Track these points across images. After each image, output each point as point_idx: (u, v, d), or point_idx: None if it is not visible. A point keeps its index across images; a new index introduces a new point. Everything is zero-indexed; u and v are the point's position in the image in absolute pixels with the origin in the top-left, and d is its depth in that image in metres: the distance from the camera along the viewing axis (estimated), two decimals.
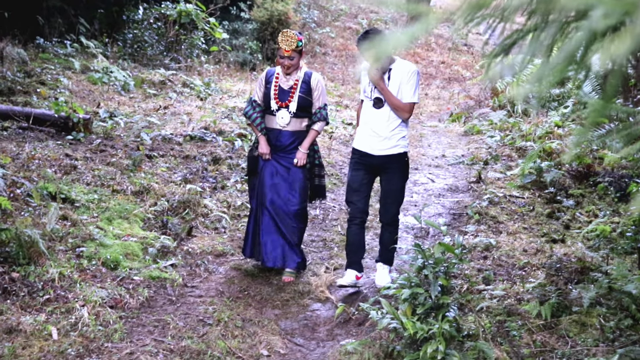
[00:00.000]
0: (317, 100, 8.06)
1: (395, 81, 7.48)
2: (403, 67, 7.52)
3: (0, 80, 13.50)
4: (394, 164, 7.64)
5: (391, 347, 6.45)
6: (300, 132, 8.11)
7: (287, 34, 7.83)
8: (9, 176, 9.05)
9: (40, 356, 6.39)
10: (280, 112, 8.00)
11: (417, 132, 16.75)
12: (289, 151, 8.10)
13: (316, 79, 8.11)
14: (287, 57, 7.92)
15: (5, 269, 7.32)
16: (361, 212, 7.87)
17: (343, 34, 27.68)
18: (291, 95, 7.98)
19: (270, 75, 8.16)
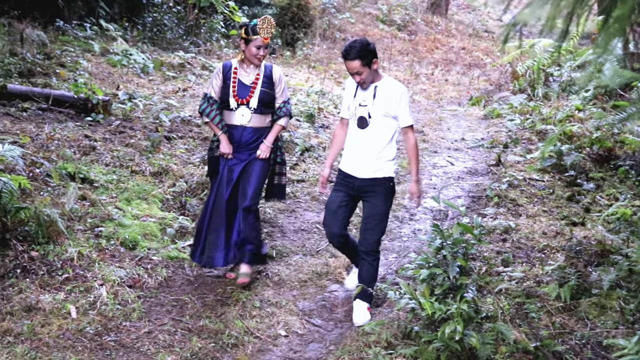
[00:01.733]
0: (281, 95, 7.56)
1: (381, 100, 6.80)
2: (391, 87, 6.86)
3: (20, 62, 13.53)
4: (377, 188, 6.92)
5: (409, 328, 6.43)
6: (264, 128, 7.56)
7: (265, 21, 7.28)
8: (28, 156, 9.08)
9: (59, 334, 6.42)
10: (240, 109, 7.42)
11: (437, 115, 16.68)
12: (252, 149, 7.55)
13: (278, 73, 7.58)
14: (263, 45, 7.33)
15: (24, 247, 7.35)
16: (337, 237, 7.15)
17: (363, 20, 27.58)
18: (252, 90, 7.39)
19: (228, 69, 7.50)
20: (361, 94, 6.88)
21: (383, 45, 25.12)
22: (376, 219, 6.94)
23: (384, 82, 6.88)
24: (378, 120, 6.82)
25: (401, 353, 6.12)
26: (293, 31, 22.86)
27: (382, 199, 6.94)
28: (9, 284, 6.96)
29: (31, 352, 6.10)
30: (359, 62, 6.60)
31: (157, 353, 6.32)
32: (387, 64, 22.57)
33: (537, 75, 16.63)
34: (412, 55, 24.58)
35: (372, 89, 6.83)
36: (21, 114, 11.22)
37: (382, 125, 6.83)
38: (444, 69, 23.00)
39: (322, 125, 14.05)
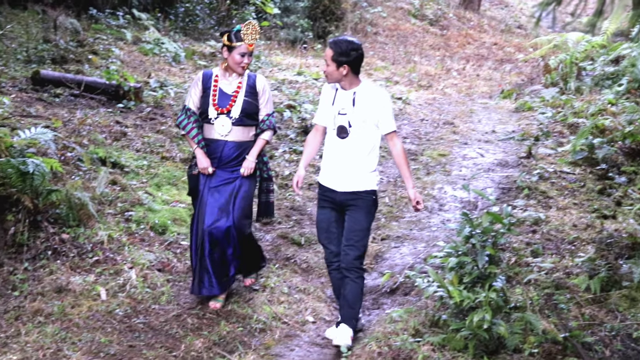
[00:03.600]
0: (265, 107, 6.91)
1: (361, 107, 6.24)
2: (371, 92, 6.32)
3: (53, 48, 13.62)
4: (358, 202, 6.36)
5: (437, 316, 6.43)
6: (246, 142, 6.90)
7: (249, 26, 6.74)
8: (60, 140, 9.14)
9: (88, 315, 6.48)
10: (219, 119, 6.79)
11: (468, 107, 16.60)
12: (234, 166, 6.88)
13: (262, 83, 6.94)
14: (248, 53, 6.76)
15: (55, 230, 7.41)
16: (336, 256, 6.51)
17: (395, 14, 27.45)
18: (233, 99, 6.80)
19: (208, 78, 6.92)
20: (340, 101, 6.32)
21: (414, 40, 25.04)
22: (357, 235, 6.35)
23: (363, 87, 6.32)
24: (359, 129, 6.27)
25: (429, 341, 6.12)
26: (324, 24, 22.79)
27: (363, 214, 6.38)
28: (40, 265, 7.02)
29: (61, 333, 6.17)
30: (331, 53, 6.16)
31: (185, 336, 6.37)
32: (418, 58, 22.50)
33: (569, 69, 16.49)
34: (444, 50, 24.44)
35: (350, 95, 6.28)
36: (54, 100, 11.30)
37: (363, 134, 6.29)
38: (476, 64, 22.84)
39: None
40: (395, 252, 8.45)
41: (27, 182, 7.20)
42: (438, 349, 6.02)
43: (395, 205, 9.87)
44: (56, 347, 5.97)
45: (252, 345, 6.35)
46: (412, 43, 24.48)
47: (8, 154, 7.51)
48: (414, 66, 21.09)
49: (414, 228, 9.13)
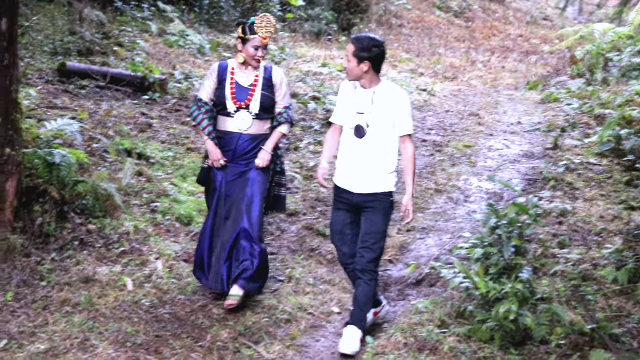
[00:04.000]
0: (282, 100, 6.82)
1: (380, 107, 6.05)
2: (391, 92, 6.11)
3: (79, 41, 13.68)
4: (376, 204, 6.15)
5: (463, 307, 6.40)
6: (262, 135, 6.80)
7: (264, 18, 6.57)
8: (86, 132, 9.19)
9: (115, 305, 6.51)
10: (240, 114, 6.68)
11: (493, 99, 16.53)
12: (250, 158, 6.77)
13: (279, 75, 6.84)
14: (262, 46, 6.62)
15: (82, 220, 7.46)
16: (350, 257, 6.32)
17: (420, 6, 27.36)
18: (251, 93, 6.69)
19: (224, 70, 6.78)
20: (358, 101, 6.12)
21: (439, 32, 24.95)
22: (374, 238, 6.16)
23: (382, 87, 6.11)
24: (377, 129, 6.07)
25: (455, 332, 6.10)
26: (349, 16, 22.74)
27: (380, 216, 6.18)
28: (67, 256, 7.08)
29: (88, 322, 6.22)
30: (352, 48, 5.95)
31: (211, 327, 6.38)
32: (443, 50, 22.42)
33: (596, 60, 16.39)
34: (469, 42, 24.34)
35: (370, 94, 6.07)
36: (80, 92, 11.35)
37: (382, 134, 6.08)
38: (501, 57, 22.72)
39: None
40: (421, 243, 8.43)
41: (54, 173, 7.25)
42: (464, 340, 6.00)
43: (420, 197, 9.84)
44: (83, 337, 6.02)
45: (278, 336, 6.35)
46: (437, 35, 24.40)
47: (35, 145, 7.57)
48: (438, 58, 21.01)
49: (439, 220, 9.10)
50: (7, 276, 6.59)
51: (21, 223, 6.99)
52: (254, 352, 6.05)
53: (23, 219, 7.03)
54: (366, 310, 6.29)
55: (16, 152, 6.88)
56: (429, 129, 13.37)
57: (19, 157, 6.94)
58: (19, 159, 6.93)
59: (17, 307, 6.33)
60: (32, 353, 5.74)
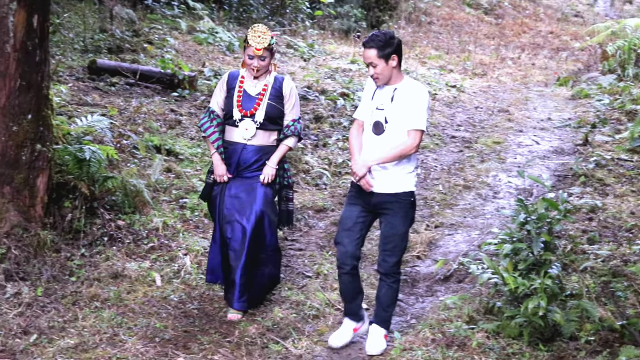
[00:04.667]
0: (290, 112, 6.59)
1: (399, 104, 5.83)
2: (411, 89, 5.86)
3: (109, 38, 13.80)
4: (395, 205, 5.90)
5: (491, 303, 6.36)
6: (267, 147, 6.56)
7: (257, 28, 6.36)
8: (116, 128, 9.25)
9: (144, 301, 6.55)
10: (244, 122, 6.47)
11: (523, 95, 16.45)
12: (253, 170, 6.54)
13: (289, 86, 6.61)
14: (257, 56, 6.38)
15: (111, 216, 7.51)
16: (351, 258, 6.01)
17: (449, 3, 27.28)
18: (258, 102, 6.48)
19: (234, 78, 6.62)
20: (379, 96, 5.92)
21: (469, 29, 24.85)
22: (395, 240, 5.94)
23: (404, 84, 5.89)
24: (395, 126, 5.84)
25: (483, 328, 6.07)
26: (378, 14, 22.74)
27: (401, 218, 5.93)
28: (96, 252, 7.13)
29: (117, 317, 6.26)
30: (375, 52, 5.69)
31: (239, 322, 6.39)
32: (473, 47, 22.32)
33: (627, 56, 16.26)
34: (499, 39, 24.23)
35: (390, 91, 5.87)
36: (110, 88, 11.44)
37: (400, 131, 5.84)
38: (531, 53, 22.59)
39: None
40: (449, 239, 8.40)
41: (84, 168, 7.30)
42: (492, 336, 5.97)
43: (449, 192, 9.82)
44: (112, 332, 6.05)
45: (306, 332, 6.35)
46: (466, 32, 24.30)
47: (65, 141, 7.63)
48: (468, 55, 20.93)
49: (467, 215, 9.07)
50: (37, 271, 6.65)
51: (51, 219, 7.06)
52: (282, 348, 6.05)
53: (53, 214, 7.09)
54: (390, 310, 6.16)
55: (47, 148, 6.94)
56: (458, 125, 13.33)
57: (50, 153, 7.00)
58: (49, 155, 6.98)
59: (47, 302, 6.38)
60: (62, 347, 5.78)
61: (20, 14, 6.67)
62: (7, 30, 6.64)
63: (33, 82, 6.82)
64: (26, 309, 6.23)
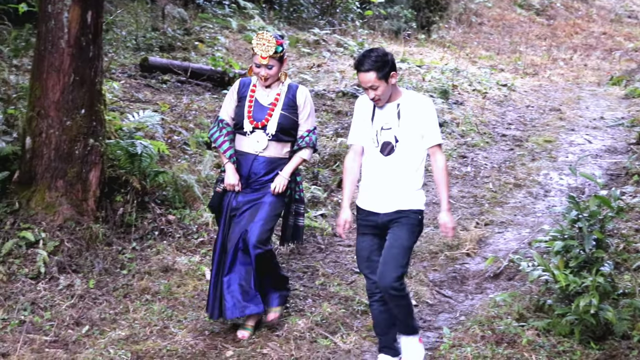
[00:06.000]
0: (305, 122, 6.17)
1: (407, 119, 5.45)
2: (416, 102, 5.52)
3: (161, 36, 13.93)
4: (402, 219, 5.51)
5: (542, 301, 6.31)
6: (280, 159, 6.14)
7: (262, 36, 5.98)
8: (167, 124, 9.34)
9: (194, 294, 6.61)
10: (255, 134, 6.06)
11: (575, 94, 16.28)
12: (264, 183, 6.13)
13: (304, 95, 6.19)
14: (263, 65, 5.96)
15: (162, 211, 7.58)
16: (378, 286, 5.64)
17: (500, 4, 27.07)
18: (269, 112, 6.06)
19: (245, 86, 6.22)
20: (381, 116, 5.53)
21: (520, 30, 24.66)
22: (397, 252, 5.46)
23: (406, 98, 5.53)
24: (407, 143, 5.48)
25: (533, 325, 6.03)
26: (428, 14, 22.62)
27: (406, 232, 5.51)
28: (147, 245, 7.21)
29: (167, 310, 6.33)
30: (374, 75, 5.28)
31: (288, 316, 6.41)
32: (524, 48, 22.13)
33: None
34: (550, 40, 24.00)
35: (394, 108, 5.50)
36: (161, 86, 11.56)
37: (412, 148, 5.50)
38: (583, 54, 22.34)
39: (456, 101, 13.91)
40: (499, 237, 8.34)
41: (135, 163, 7.39)
42: (543, 334, 5.92)
43: (499, 191, 9.76)
44: (162, 325, 6.12)
45: (354, 327, 6.34)
46: (517, 33, 24.10)
47: (117, 136, 7.71)
48: (519, 56, 20.75)
49: (518, 214, 9.00)
50: (89, 264, 6.74)
51: (103, 212, 7.15)
52: (330, 342, 6.05)
53: (105, 208, 7.18)
54: (410, 320, 5.66)
55: (99, 143, 7.04)
56: (509, 124, 13.24)
57: (102, 148, 7.09)
58: (101, 150, 7.08)
59: (98, 294, 6.47)
60: (113, 339, 5.86)
61: (75, 10, 6.78)
62: (62, 26, 6.75)
63: (86, 78, 6.92)
64: (79, 300, 6.34)
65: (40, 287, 6.37)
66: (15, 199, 6.90)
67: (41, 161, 6.89)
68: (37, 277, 6.47)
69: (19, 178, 6.97)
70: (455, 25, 23.74)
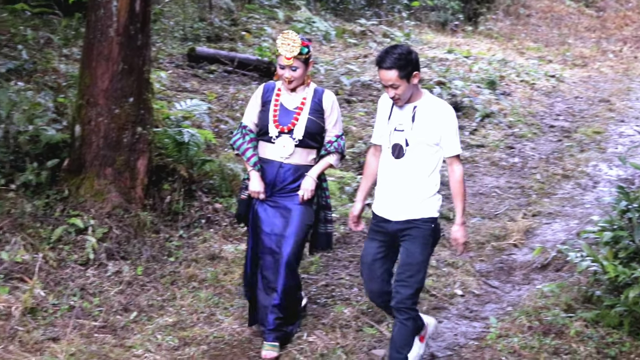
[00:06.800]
0: (333, 127, 5.88)
1: (421, 123, 5.16)
2: (434, 107, 5.23)
3: (208, 27, 14.02)
4: (414, 231, 5.24)
5: (590, 292, 6.25)
6: (305, 167, 5.85)
7: (287, 36, 5.73)
8: (213, 114, 9.39)
9: (240, 282, 6.62)
10: (281, 139, 5.77)
11: (625, 85, 16.06)
12: (290, 191, 5.85)
13: (330, 99, 5.87)
14: (287, 66, 5.69)
15: (209, 199, 7.63)
16: (378, 296, 5.47)
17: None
18: (296, 116, 5.78)
19: (269, 91, 5.94)
20: (397, 117, 5.27)
21: (569, 21, 24.37)
22: (411, 270, 5.23)
23: (425, 101, 5.26)
24: (417, 148, 5.20)
25: (581, 316, 5.97)
26: (476, 6, 22.43)
27: (419, 245, 5.25)
28: (194, 233, 7.26)
29: (214, 298, 6.39)
30: (395, 73, 5.03)
31: (333, 305, 6.43)
32: (572, 40, 21.87)
33: None
34: (600, 32, 23.67)
35: (410, 109, 5.23)
36: (208, 76, 11.63)
37: (422, 154, 5.20)
38: (634, 47, 22.00)
39: (503, 92, 13.80)
40: (547, 228, 8.27)
41: (183, 152, 7.44)
42: (591, 325, 5.87)
43: (546, 182, 9.68)
44: (209, 312, 6.18)
45: None
46: (566, 25, 23.79)
47: (165, 124, 7.76)
48: (567, 48, 20.52)
49: (566, 205, 8.91)
50: (137, 251, 6.80)
51: (151, 200, 7.21)
52: (376, 331, 6.06)
53: (153, 196, 7.24)
54: (404, 352, 5.34)
55: (147, 131, 7.09)
56: (557, 115, 13.10)
57: (150, 136, 7.15)
58: (149, 138, 7.13)
59: (146, 281, 6.53)
60: (161, 325, 5.93)
61: None
62: (111, 15, 6.81)
63: (135, 66, 6.97)
64: (127, 287, 6.40)
65: (89, 273, 6.44)
66: (65, 186, 6.98)
67: (90, 149, 6.96)
68: (86, 263, 6.53)
69: (69, 166, 7.05)
70: (503, 17, 23.54)
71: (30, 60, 9.52)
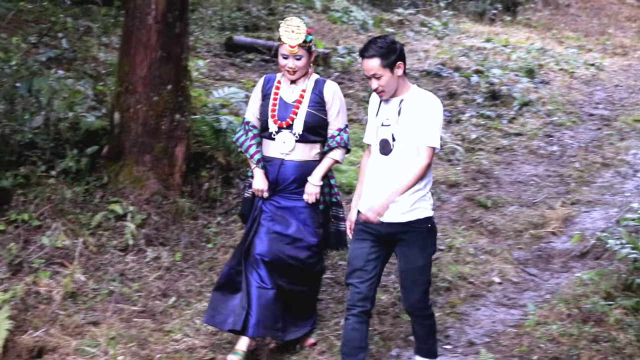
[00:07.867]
0: (336, 119, 5.55)
1: (407, 117, 4.84)
2: (420, 100, 4.88)
3: (245, 16, 14.08)
4: (410, 235, 4.94)
5: (630, 280, 6.18)
6: (309, 163, 5.57)
7: (291, 22, 5.40)
8: None
9: None
10: (281, 134, 5.50)
11: None
12: (293, 191, 5.59)
13: (332, 90, 5.56)
14: (291, 55, 5.39)
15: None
16: (362, 300, 5.02)
17: None
18: (294, 110, 5.50)
19: (269, 83, 5.67)
20: (384, 111, 4.97)
21: (609, 11, 24.09)
22: (413, 275, 5.03)
23: (412, 94, 4.91)
24: (405, 144, 4.87)
25: (621, 304, 5.91)
26: None
27: (418, 249, 4.99)
28: (232, 220, 7.29)
29: None
30: (377, 62, 4.74)
31: None
32: (613, 29, 21.61)
33: None
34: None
35: (396, 103, 4.90)
36: (245, 64, 11.69)
37: (411, 150, 4.87)
38: None
39: (542, 80, 13.70)
40: (586, 216, 8.22)
41: (220, 139, 7.47)
42: (631, 313, 5.81)
43: (586, 170, 9.61)
44: None
45: (438, 303, 6.33)
46: (606, 15, 23.51)
47: (202, 112, 7.80)
48: (607, 37, 20.29)
49: (605, 193, 8.84)
50: (175, 237, 6.85)
51: (189, 187, 7.26)
52: None
53: (191, 183, 7.29)
54: (430, 342, 5.28)
55: (185, 118, 7.13)
56: (596, 103, 13.00)
57: (188, 123, 7.19)
58: (187, 125, 7.17)
59: (184, 267, 6.59)
60: (199, 310, 5.97)
61: None
62: (150, 2, 6.85)
63: (173, 54, 7.02)
64: (165, 272, 6.47)
65: (128, 259, 6.52)
66: (104, 173, 7.06)
67: (129, 136, 7.02)
68: (126, 249, 6.61)
69: (108, 153, 7.12)
70: (542, 7, 23.33)
71: (70, 49, 9.62)
